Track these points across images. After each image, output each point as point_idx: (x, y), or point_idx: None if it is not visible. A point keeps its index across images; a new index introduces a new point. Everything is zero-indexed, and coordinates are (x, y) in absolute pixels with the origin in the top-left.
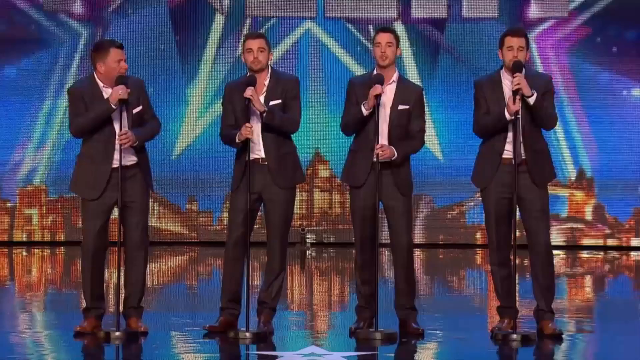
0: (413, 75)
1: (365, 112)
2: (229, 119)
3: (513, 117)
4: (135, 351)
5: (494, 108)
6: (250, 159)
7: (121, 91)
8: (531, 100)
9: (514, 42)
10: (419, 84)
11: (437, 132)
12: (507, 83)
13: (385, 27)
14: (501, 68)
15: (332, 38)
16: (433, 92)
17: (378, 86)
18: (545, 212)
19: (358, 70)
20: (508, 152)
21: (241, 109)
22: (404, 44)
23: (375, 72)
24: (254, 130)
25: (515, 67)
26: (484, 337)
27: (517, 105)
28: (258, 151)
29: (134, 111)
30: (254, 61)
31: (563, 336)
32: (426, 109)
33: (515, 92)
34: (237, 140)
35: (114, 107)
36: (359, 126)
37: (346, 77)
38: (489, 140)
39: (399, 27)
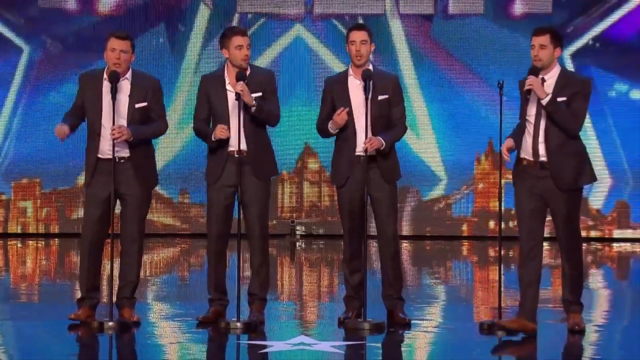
0: (406, 69)
1: (332, 131)
2: (202, 112)
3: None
4: (128, 341)
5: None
6: (231, 151)
7: (58, 132)
8: (543, 102)
9: (534, 40)
10: (394, 73)
11: (424, 125)
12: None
13: (359, 24)
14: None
15: (320, 35)
16: (419, 87)
17: (344, 115)
18: (571, 217)
19: (344, 65)
20: (525, 152)
21: (219, 101)
22: (397, 38)
23: (351, 69)
24: (233, 125)
25: (531, 71)
26: (470, 326)
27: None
28: (237, 143)
29: (137, 106)
30: (245, 58)
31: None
32: (420, 103)
33: (527, 92)
34: (212, 139)
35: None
36: (331, 136)
37: (334, 72)
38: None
39: (391, 22)
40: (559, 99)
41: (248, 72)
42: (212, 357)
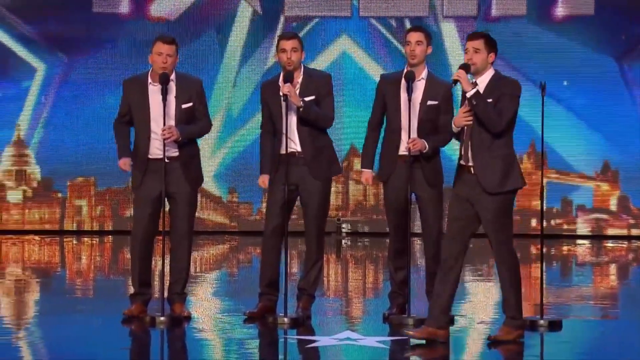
0: (449, 70)
1: (454, 129)
2: (265, 118)
3: (458, 130)
4: (179, 335)
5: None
6: (287, 152)
7: (124, 167)
8: (467, 95)
9: (468, 45)
10: (449, 82)
11: None
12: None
13: (416, 26)
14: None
15: (366, 37)
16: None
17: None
18: (498, 222)
19: (391, 68)
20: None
21: (275, 105)
22: (440, 39)
23: (406, 69)
24: (291, 125)
25: (460, 66)
26: None
27: (463, 121)
28: (294, 145)
29: (183, 106)
30: (288, 61)
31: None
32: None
33: (454, 82)
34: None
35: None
36: (374, 127)
37: (378, 73)
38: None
39: (435, 24)
40: (488, 100)
41: (301, 76)
42: (260, 351)
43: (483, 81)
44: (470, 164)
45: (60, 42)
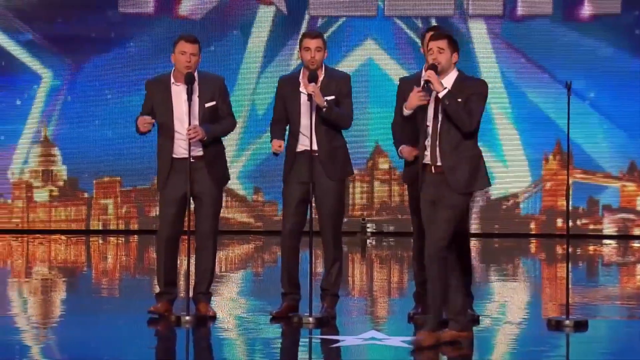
0: (475, 69)
1: (405, 112)
2: (277, 112)
3: (409, 113)
4: (204, 334)
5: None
6: (301, 150)
7: (145, 124)
8: (439, 95)
9: (432, 45)
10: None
11: (493, 125)
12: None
13: (435, 27)
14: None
15: (391, 36)
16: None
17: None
18: (454, 219)
19: (415, 68)
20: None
21: (292, 101)
22: (466, 38)
23: (424, 69)
24: (309, 124)
25: (429, 67)
26: (537, 323)
27: (417, 101)
28: (310, 144)
29: (206, 105)
30: (311, 60)
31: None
32: (489, 103)
33: (425, 82)
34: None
35: (138, 134)
36: (401, 126)
37: (404, 74)
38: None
39: (460, 23)
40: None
41: (322, 75)
42: (285, 351)
43: (448, 82)
44: (438, 164)
45: (84, 42)
